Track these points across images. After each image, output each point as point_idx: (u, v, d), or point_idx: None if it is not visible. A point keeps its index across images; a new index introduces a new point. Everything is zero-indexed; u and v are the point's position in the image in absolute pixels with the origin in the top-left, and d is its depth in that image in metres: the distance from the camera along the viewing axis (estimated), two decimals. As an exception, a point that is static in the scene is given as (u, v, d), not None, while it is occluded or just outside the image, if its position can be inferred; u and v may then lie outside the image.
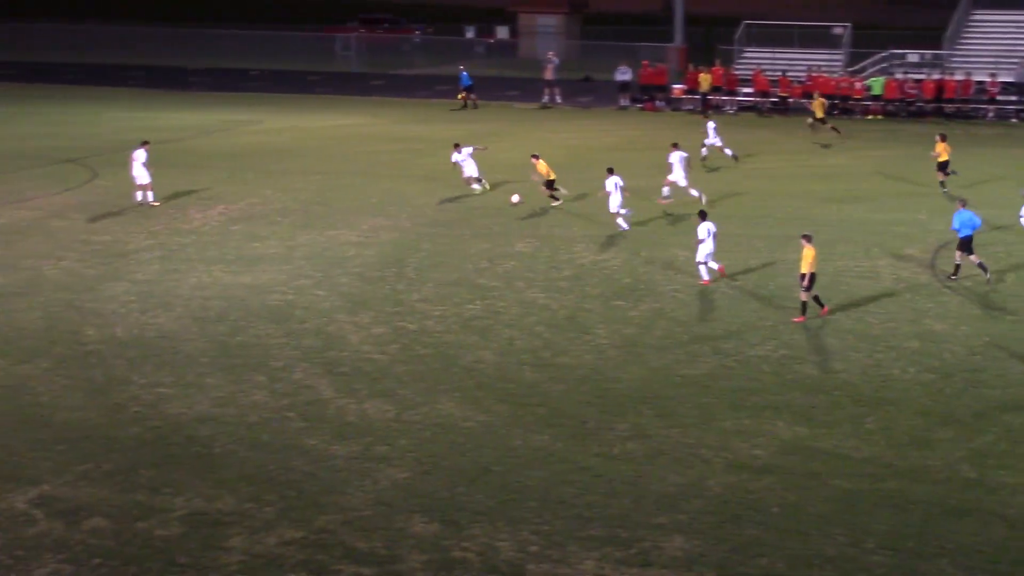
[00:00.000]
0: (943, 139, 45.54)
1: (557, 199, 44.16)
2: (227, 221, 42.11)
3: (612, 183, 39.63)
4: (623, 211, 39.56)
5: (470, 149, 46.19)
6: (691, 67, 72.38)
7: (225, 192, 45.99)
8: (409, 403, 26.47)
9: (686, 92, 70.68)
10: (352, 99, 73.96)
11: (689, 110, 69.29)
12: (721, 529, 21.16)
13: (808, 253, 31.02)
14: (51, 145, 56.51)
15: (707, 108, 67.16)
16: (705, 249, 34.73)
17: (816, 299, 31.67)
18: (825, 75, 68.02)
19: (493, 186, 46.23)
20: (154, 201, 43.71)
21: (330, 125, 55.99)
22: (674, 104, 70.74)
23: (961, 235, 34.48)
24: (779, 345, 29.95)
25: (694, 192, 43.40)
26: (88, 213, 42.77)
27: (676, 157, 43.48)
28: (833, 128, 57.94)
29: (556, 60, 73.63)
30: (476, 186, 46.11)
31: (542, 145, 57.49)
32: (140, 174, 43.28)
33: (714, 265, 35.06)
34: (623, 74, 71.69)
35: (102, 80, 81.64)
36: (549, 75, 72.55)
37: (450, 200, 45.04)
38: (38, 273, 35.78)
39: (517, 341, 30.44)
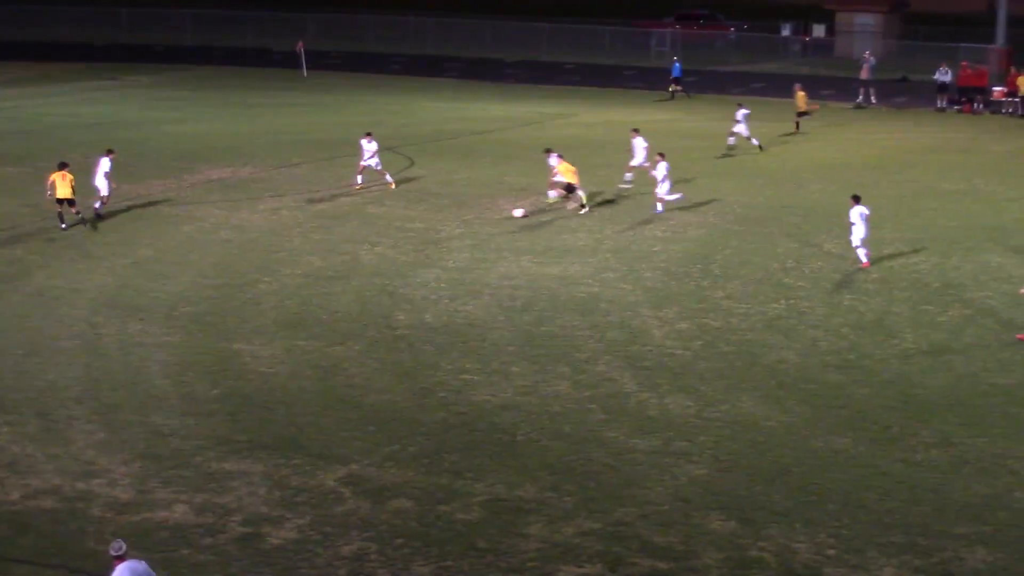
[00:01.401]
0: None
1: (584, 206, 42.38)
2: (538, 212, 42.62)
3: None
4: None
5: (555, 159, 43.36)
6: (1012, 69, 70.21)
7: (536, 184, 46.56)
8: (710, 400, 26.42)
9: (1007, 95, 68.60)
10: (666, 94, 73.90)
11: (1008, 113, 67.25)
12: (1027, 543, 20.57)
13: None
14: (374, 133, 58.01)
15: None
16: (858, 233, 35.54)
17: None
18: None
19: (801, 185, 45.63)
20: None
21: (643, 120, 56.13)
22: (993, 107, 68.73)
23: None
24: (1097, 357, 28.90)
25: None
26: (403, 200, 43.86)
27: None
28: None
29: (873, 59, 72.38)
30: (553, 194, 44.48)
31: (855, 145, 56.65)
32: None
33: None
34: (943, 75, 70.03)
35: (422, 71, 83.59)
36: (865, 74, 71.37)
37: (760, 197, 44.70)
38: (354, 258, 36.87)
39: (821, 342, 30.08)
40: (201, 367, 27.91)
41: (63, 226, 39.30)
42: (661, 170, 42.23)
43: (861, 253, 35.97)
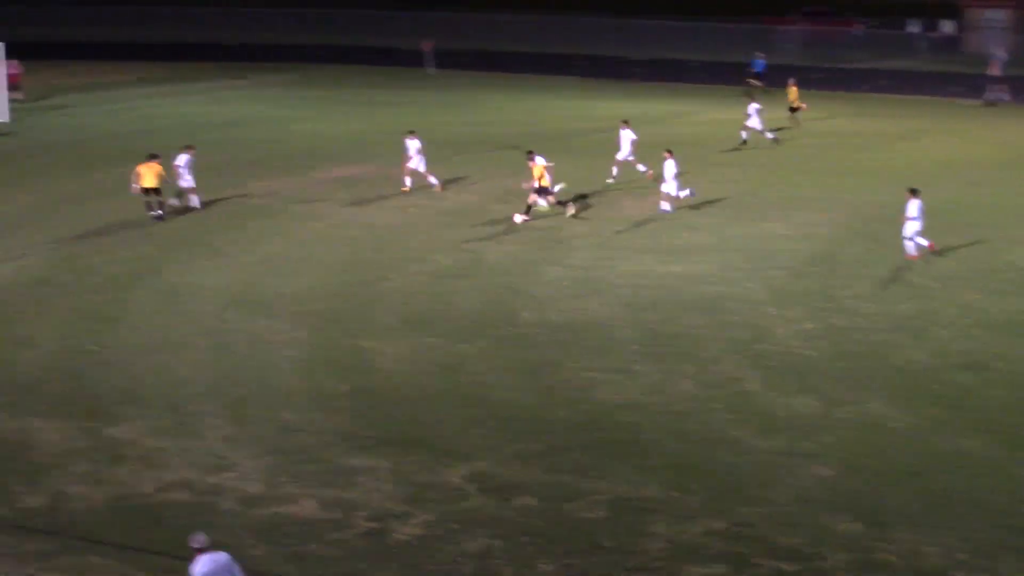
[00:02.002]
0: None
1: (563, 206, 41.23)
2: (660, 211, 42.55)
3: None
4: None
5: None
6: None
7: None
8: (836, 400, 26.20)
9: None
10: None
11: None
12: None
13: None
14: (496, 132, 58.32)
15: None
16: (913, 227, 35.61)
17: None
18: None
19: (929, 184, 45.10)
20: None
21: (769, 117, 55.81)
22: None
23: None
24: None
25: None
26: (520, 198, 43.84)
27: None
28: None
29: (1004, 56, 71.24)
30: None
31: (983, 143, 55.88)
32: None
33: (923, 242, 35.60)
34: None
35: (547, 69, 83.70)
36: (996, 71, 70.26)
37: (886, 196, 44.22)
38: (479, 256, 37.04)
39: (951, 343, 29.71)
40: (328, 363, 28.22)
41: (155, 214, 40.42)
42: (670, 168, 41.74)
43: (911, 246, 35.92)
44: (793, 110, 59.19)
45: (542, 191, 40.70)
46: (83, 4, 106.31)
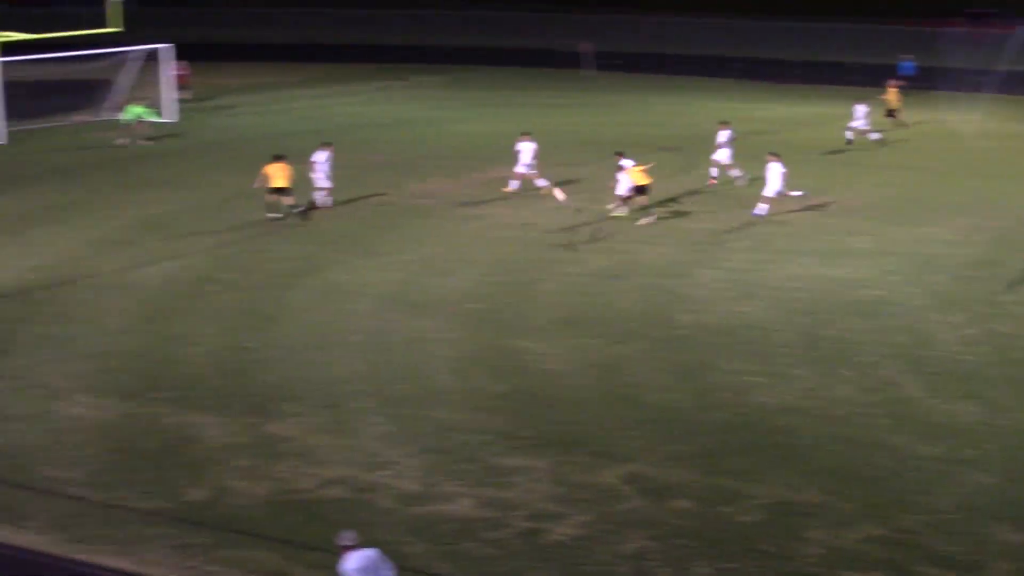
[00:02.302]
0: None
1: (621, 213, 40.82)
2: (820, 214, 42.16)
3: None
4: None
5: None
6: None
7: (818, 185, 46.04)
8: (999, 407, 25.74)
9: None
10: (954, 95, 72.17)
11: None
12: None
13: None
14: (653, 133, 58.18)
15: None
16: None
17: None
18: None
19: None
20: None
21: (930, 119, 55.07)
22: None
23: None
24: None
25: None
26: (683, 200, 43.77)
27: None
28: None
29: None
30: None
31: None
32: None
33: None
34: None
35: (705, 71, 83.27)
36: None
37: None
38: (634, 257, 36.99)
39: (1120, 351, 29.06)
40: (485, 363, 28.38)
41: (273, 216, 41.03)
42: (774, 171, 41.27)
43: None
44: (891, 113, 58.04)
45: (640, 191, 40.61)
46: (250, 6, 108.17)
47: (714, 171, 46.64)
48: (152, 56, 62.85)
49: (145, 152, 53.59)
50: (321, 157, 42.65)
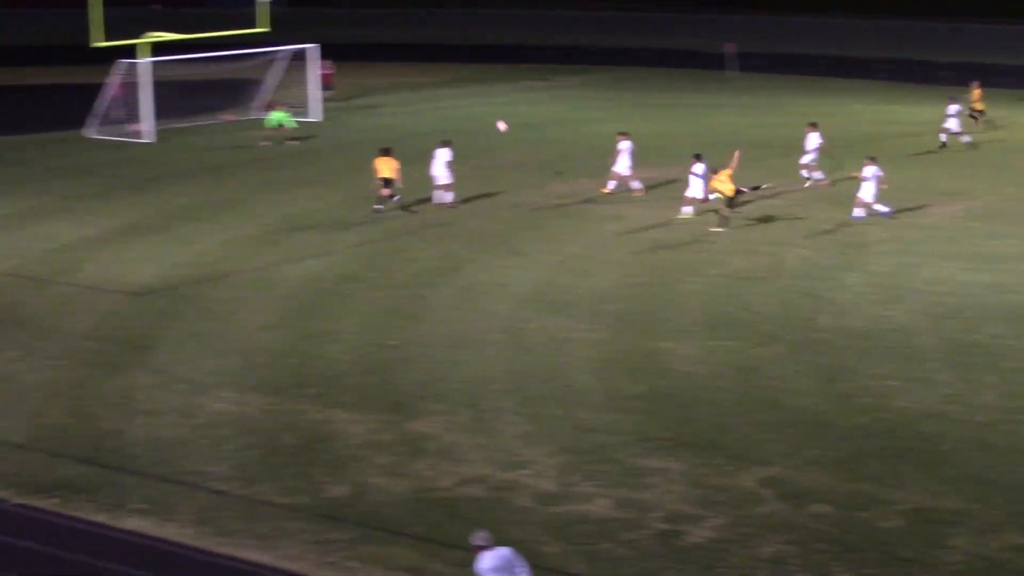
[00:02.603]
0: None
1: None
2: (966, 217, 41.57)
3: None
4: None
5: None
6: None
7: (965, 187, 45.39)
8: None
9: None
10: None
11: None
12: None
13: None
14: (797, 135, 57.57)
15: None
16: None
17: None
18: None
19: None
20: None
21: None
22: None
23: None
24: None
25: None
26: (827, 203, 43.31)
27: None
28: None
29: None
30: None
31: None
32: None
33: None
34: None
35: (850, 72, 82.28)
36: None
37: None
38: (777, 259, 36.74)
39: None
40: (624, 364, 28.38)
41: (377, 208, 41.98)
42: (869, 174, 40.81)
43: None
44: (975, 114, 56.73)
45: (731, 202, 40.01)
46: (395, 6, 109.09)
47: (805, 173, 46.22)
48: (298, 56, 63.66)
49: (290, 152, 54.29)
50: (442, 155, 42.98)
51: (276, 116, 55.83)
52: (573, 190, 46.04)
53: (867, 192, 41.07)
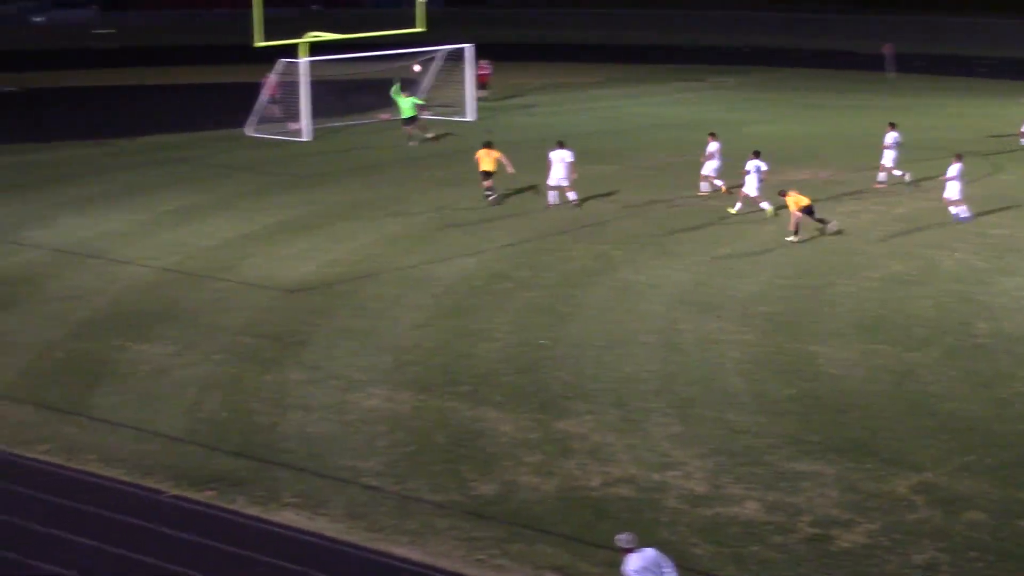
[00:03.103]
0: None
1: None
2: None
3: None
4: None
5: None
6: None
7: None
8: None
9: None
10: None
11: None
12: None
13: None
14: (952, 137, 56.70)
15: None
16: None
17: None
18: None
19: None
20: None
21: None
22: None
23: None
24: None
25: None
26: (982, 206, 42.53)
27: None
28: None
29: None
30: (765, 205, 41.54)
31: None
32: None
33: None
34: None
35: (1012, 74, 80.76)
36: None
37: None
38: (933, 263, 36.21)
39: None
40: (775, 366, 28.18)
41: (492, 197, 43.70)
42: (952, 173, 40.05)
43: None
44: None
45: (808, 211, 39.11)
46: (552, 6, 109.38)
47: (882, 175, 45.42)
48: (453, 56, 64.06)
49: (440, 151, 54.64)
50: (568, 156, 43.06)
51: (406, 103, 56.15)
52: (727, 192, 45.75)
53: (953, 191, 40.35)
